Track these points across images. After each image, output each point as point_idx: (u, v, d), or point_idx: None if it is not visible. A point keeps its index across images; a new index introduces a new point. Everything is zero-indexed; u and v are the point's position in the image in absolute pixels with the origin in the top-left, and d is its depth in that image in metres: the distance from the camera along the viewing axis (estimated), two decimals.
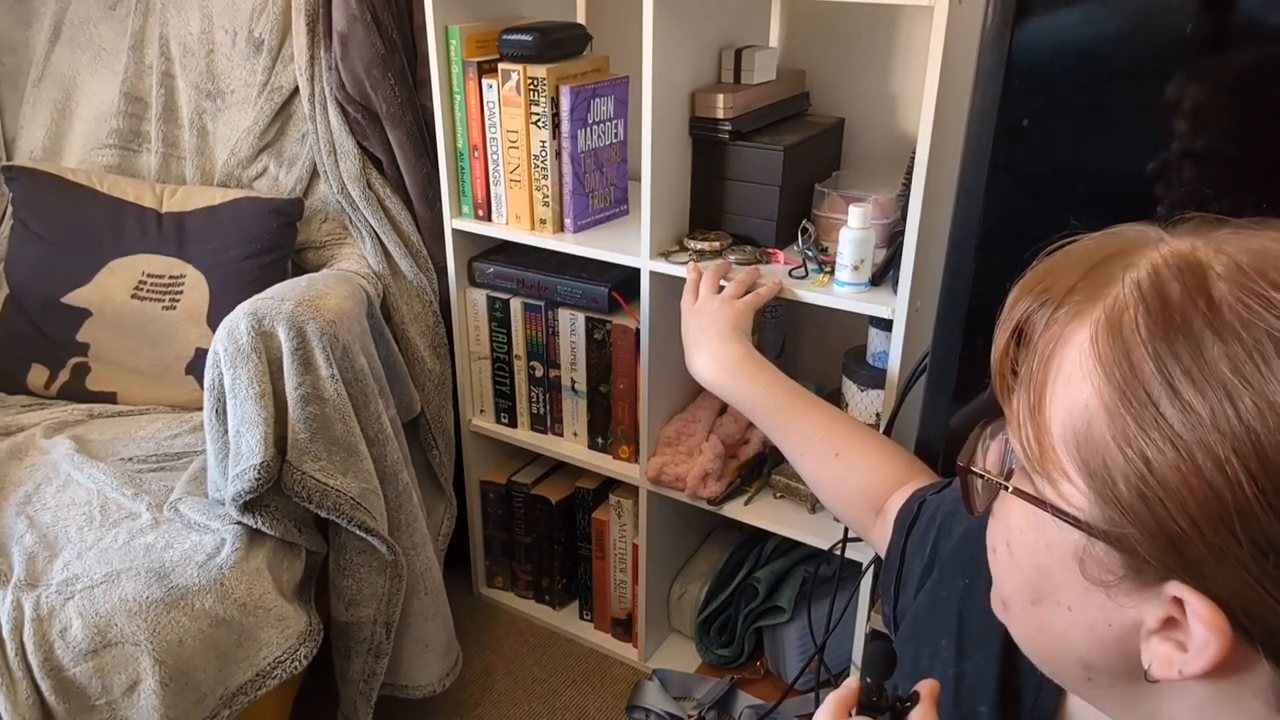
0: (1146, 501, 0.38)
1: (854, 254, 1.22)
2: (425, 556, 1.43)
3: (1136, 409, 0.38)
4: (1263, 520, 0.36)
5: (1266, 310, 0.37)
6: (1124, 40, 0.93)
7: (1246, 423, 0.36)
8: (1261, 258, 0.39)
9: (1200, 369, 0.37)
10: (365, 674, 1.38)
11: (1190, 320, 0.38)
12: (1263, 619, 0.37)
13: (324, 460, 1.23)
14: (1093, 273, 0.43)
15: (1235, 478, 0.36)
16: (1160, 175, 0.96)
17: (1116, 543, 0.40)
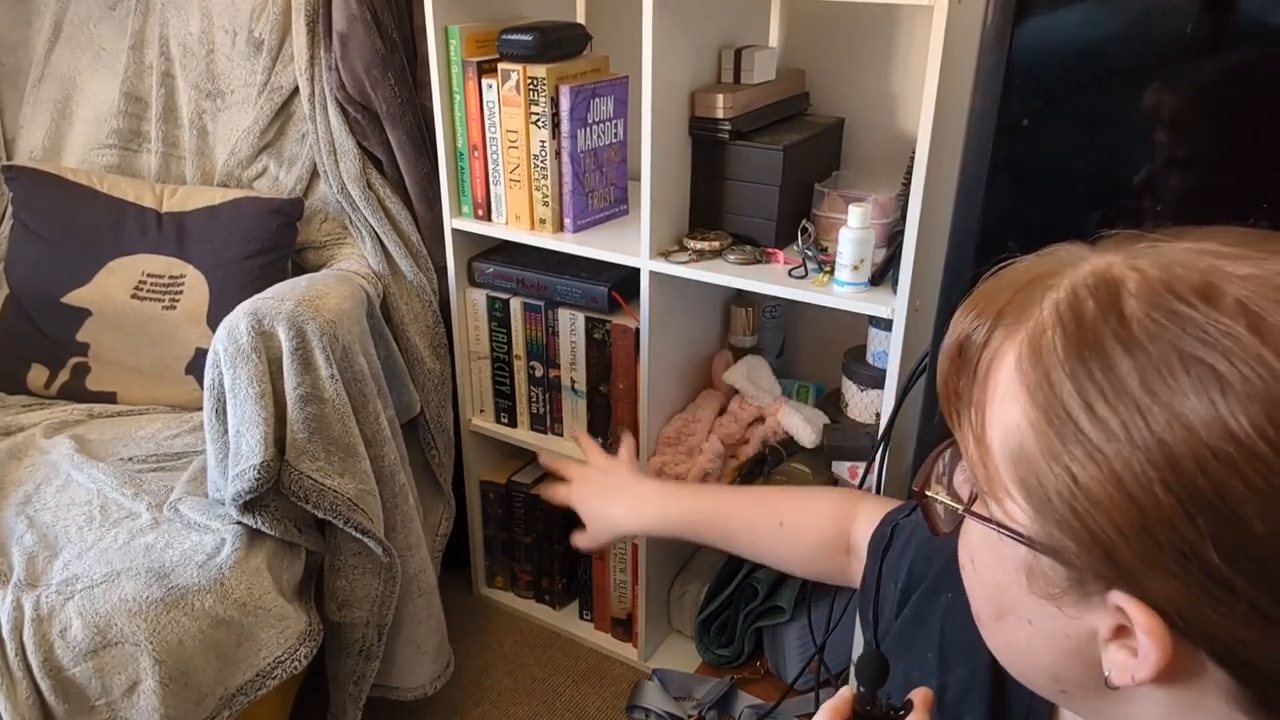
0: (1078, 515, 0.39)
1: (854, 254, 1.22)
2: (420, 558, 1.43)
3: (1059, 427, 0.40)
4: (1182, 529, 0.37)
5: (1172, 323, 0.38)
6: (1124, 40, 0.93)
7: (1158, 435, 0.37)
8: (1172, 270, 0.40)
9: (1113, 386, 0.38)
10: (355, 676, 1.38)
11: (1102, 338, 0.39)
12: (1198, 623, 0.38)
13: (321, 460, 1.23)
14: (1020, 295, 0.44)
15: (1152, 489, 0.37)
16: (1159, 175, 0.96)
17: (1057, 556, 0.41)
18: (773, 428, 1.50)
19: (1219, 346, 0.37)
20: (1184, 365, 0.37)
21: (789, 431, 1.47)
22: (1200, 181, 0.94)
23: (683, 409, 1.57)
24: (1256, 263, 0.39)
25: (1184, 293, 0.38)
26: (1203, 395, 0.36)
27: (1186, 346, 0.37)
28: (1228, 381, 0.36)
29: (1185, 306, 0.38)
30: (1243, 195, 0.93)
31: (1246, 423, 0.36)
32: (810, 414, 1.46)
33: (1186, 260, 0.40)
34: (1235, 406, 0.36)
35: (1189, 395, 0.37)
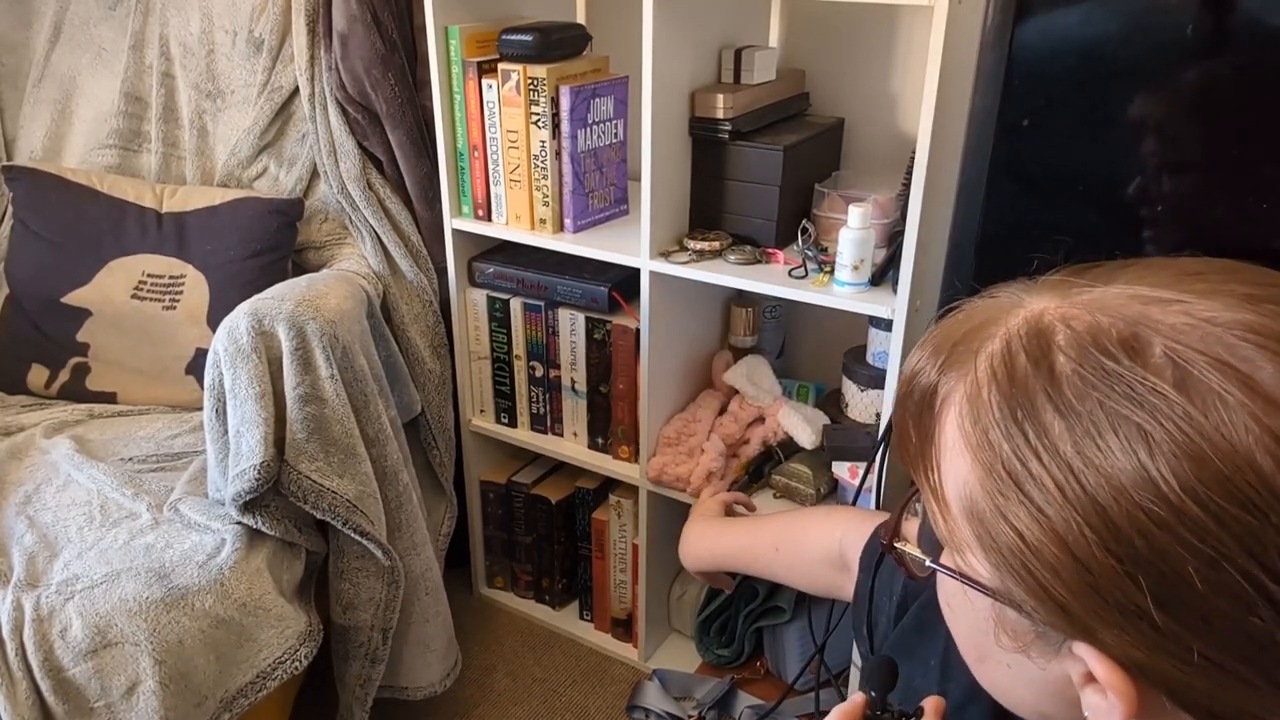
0: (1030, 572, 0.39)
1: (854, 254, 1.22)
2: (425, 557, 1.43)
3: (1002, 486, 0.40)
4: (1125, 587, 0.37)
5: (1100, 381, 0.38)
6: (1124, 40, 0.93)
7: (1092, 496, 0.37)
8: (1100, 321, 0.40)
9: (1046, 447, 0.38)
10: (362, 678, 1.38)
11: (1034, 398, 0.39)
12: (1156, 675, 0.38)
13: (320, 461, 1.23)
14: (960, 346, 0.44)
15: (1092, 549, 0.37)
16: (1159, 175, 0.96)
17: (1019, 609, 0.41)
18: (773, 428, 1.50)
19: (1146, 405, 0.37)
20: (1112, 425, 0.37)
21: (789, 432, 1.47)
22: (1200, 182, 0.94)
23: (683, 409, 1.57)
24: (1186, 307, 0.39)
25: (1111, 347, 0.38)
26: (1131, 455, 0.36)
27: (1114, 405, 0.37)
28: (1155, 441, 0.36)
29: (1113, 362, 0.38)
30: (1243, 195, 0.93)
31: (1176, 483, 0.36)
32: (810, 414, 1.46)
33: (1117, 307, 0.40)
34: (1163, 466, 0.36)
35: (1118, 456, 0.37)
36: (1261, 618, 0.35)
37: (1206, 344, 0.37)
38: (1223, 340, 0.37)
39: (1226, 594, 0.36)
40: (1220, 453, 0.35)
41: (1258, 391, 0.36)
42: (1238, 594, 0.35)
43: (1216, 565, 0.35)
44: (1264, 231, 0.93)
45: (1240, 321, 0.37)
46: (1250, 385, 0.36)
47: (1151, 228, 0.97)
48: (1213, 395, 0.36)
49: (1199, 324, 0.38)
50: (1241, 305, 0.38)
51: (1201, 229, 0.95)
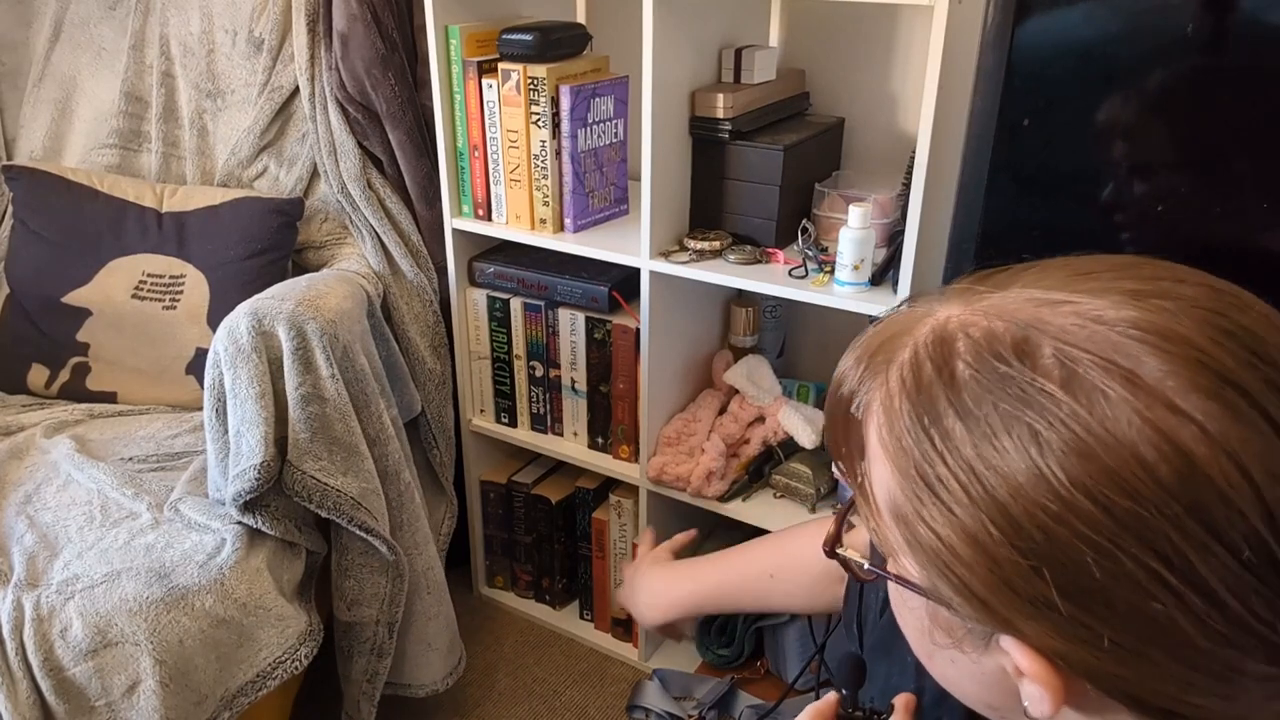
0: (950, 569, 0.41)
1: (854, 254, 1.22)
2: (427, 555, 1.43)
3: (917, 489, 0.41)
4: (1031, 580, 0.38)
5: (995, 384, 0.39)
6: (1124, 40, 0.93)
7: (993, 495, 0.39)
8: (995, 326, 0.41)
9: (950, 450, 0.40)
10: (368, 674, 1.38)
11: (937, 403, 0.41)
12: (1076, 663, 0.40)
13: (324, 460, 1.23)
14: (876, 357, 0.45)
15: (998, 545, 0.39)
16: (1159, 175, 0.96)
17: (947, 606, 0.43)
18: (773, 427, 1.50)
19: (1035, 405, 0.38)
20: (1006, 427, 0.39)
21: (789, 431, 1.47)
22: (1200, 181, 0.94)
23: (683, 409, 1.57)
24: (1075, 308, 0.40)
25: (1004, 351, 0.40)
26: (1024, 455, 0.38)
27: (1007, 407, 0.39)
28: (1045, 440, 0.38)
29: (1005, 366, 0.39)
30: (1243, 195, 0.93)
31: (1066, 479, 0.37)
32: (810, 414, 1.46)
33: (1012, 311, 0.41)
34: (1054, 464, 0.37)
35: (1013, 455, 0.38)
36: (1161, 602, 0.37)
37: (1093, 343, 0.38)
38: (1108, 338, 0.38)
39: (1124, 582, 0.37)
40: (1106, 447, 0.37)
41: (1140, 386, 0.37)
42: (1135, 581, 0.37)
43: (1112, 555, 0.37)
44: (1264, 231, 0.93)
45: (1125, 319, 0.39)
46: (1133, 380, 0.37)
47: (1151, 227, 0.97)
48: (1097, 392, 0.37)
49: (1086, 324, 0.39)
50: (1127, 302, 0.39)
51: (1202, 228, 0.95)
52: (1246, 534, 0.36)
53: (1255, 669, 0.38)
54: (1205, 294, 0.40)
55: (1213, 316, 0.39)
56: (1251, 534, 0.36)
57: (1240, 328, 0.39)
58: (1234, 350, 0.38)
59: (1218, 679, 0.39)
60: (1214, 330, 0.38)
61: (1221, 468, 0.36)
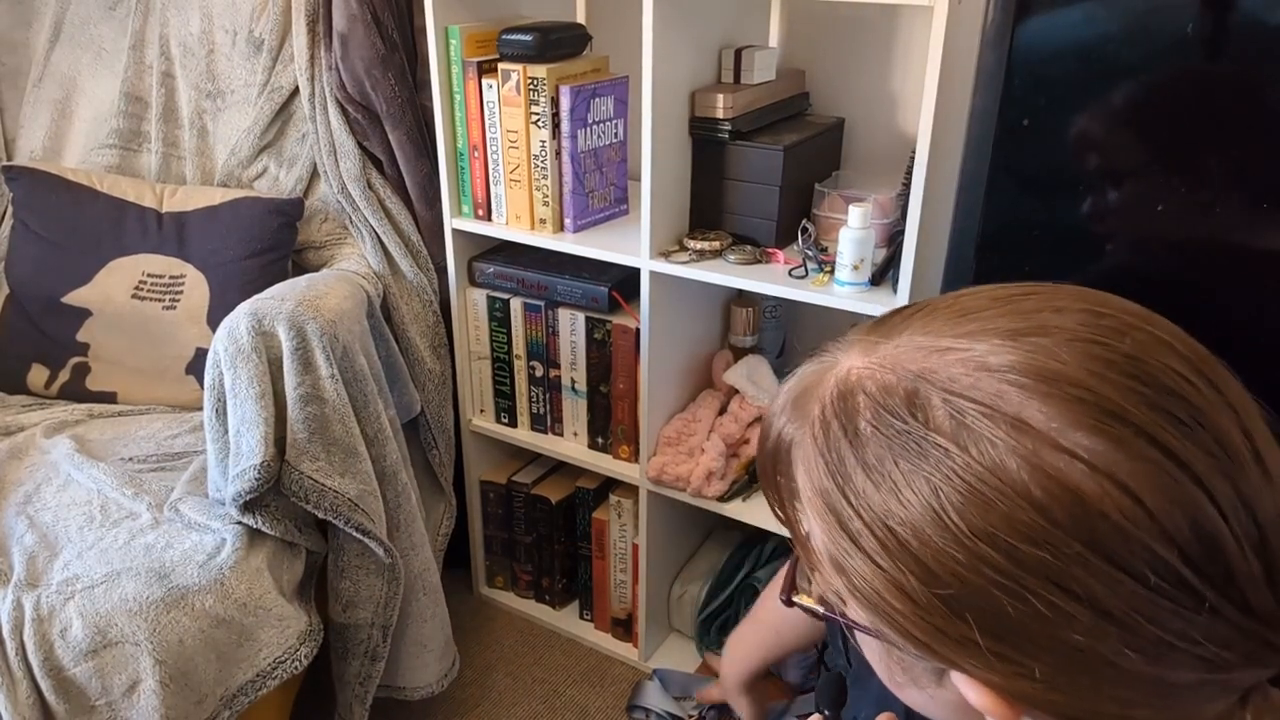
0: (884, 613, 0.42)
1: (854, 254, 1.22)
2: (423, 557, 1.43)
3: (844, 543, 0.43)
4: (955, 623, 0.40)
5: (893, 441, 0.41)
6: (1124, 40, 0.93)
7: (906, 546, 0.40)
8: (888, 380, 0.42)
9: (863, 506, 0.41)
10: (361, 676, 1.38)
11: (846, 460, 0.42)
12: (1014, 694, 0.41)
13: (322, 460, 1.23)
14: (796, 410, 0.47)
15: (919, 593, 0.40)
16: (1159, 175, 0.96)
17: (896, 647, 0.44)
18: None
19: (930, 459, 0.39)
20: (908, 481, 0.40)
21: None
22: (1200, 181, 0.94)
23: (683, 409, 1.57)
24: (961, 356, 0.41)
25: (898, 407, 0.41)
26: (927, 508, 0.39)
27: (906, 463, 0.40)
28: (944, 493, 0.39)
29: (901, 422, 0.41)
30: (1243, 195, 0.93)
31: (967, 528, 0.38)
32: None
33: (903, 362, 0.42)
34: (954, 514, 0.39)
35: (917, 508, 0.39)
36: (1078, 634, 0.38)
37: (978, 391, 0.39)
38: (992, 386, 0.39)
39: (1040, 619, 0.38)
40: (1000, 494, 0.38)
41: (1025, 431, 0.38)
42: (1049, 618, 0.38)
43: (1022, 596, 0.38)
44: (1264, 230, 0.93)
45: (1006, 364, 0.40)
46: (1018, 426, 0.38)
47: (1151, 227, 0.97)
48: (985, 441, 0.38)
49: (971, 372, 0.40)
50: (1007, 345, 0.40)
51: (1201, 228, 0.95)
52: (1150, 561, 0.37)
53: (1187, 679, 0.39)
54: (1083, 322, 0.41)
55: (1091, 347, 0.39)
56: (1155, 560, 0.37)
57: (1120, 355, 0.39)
58: (1114, 380, 0.38)
59: (1152, 694, 0.39)
60: (1093, 362, 0.39)
61: (1114, 501, 0.37)
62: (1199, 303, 0.97)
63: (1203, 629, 0.38)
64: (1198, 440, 0.38)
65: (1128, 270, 1.01)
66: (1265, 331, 0.96)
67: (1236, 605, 0.38)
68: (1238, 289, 0.97)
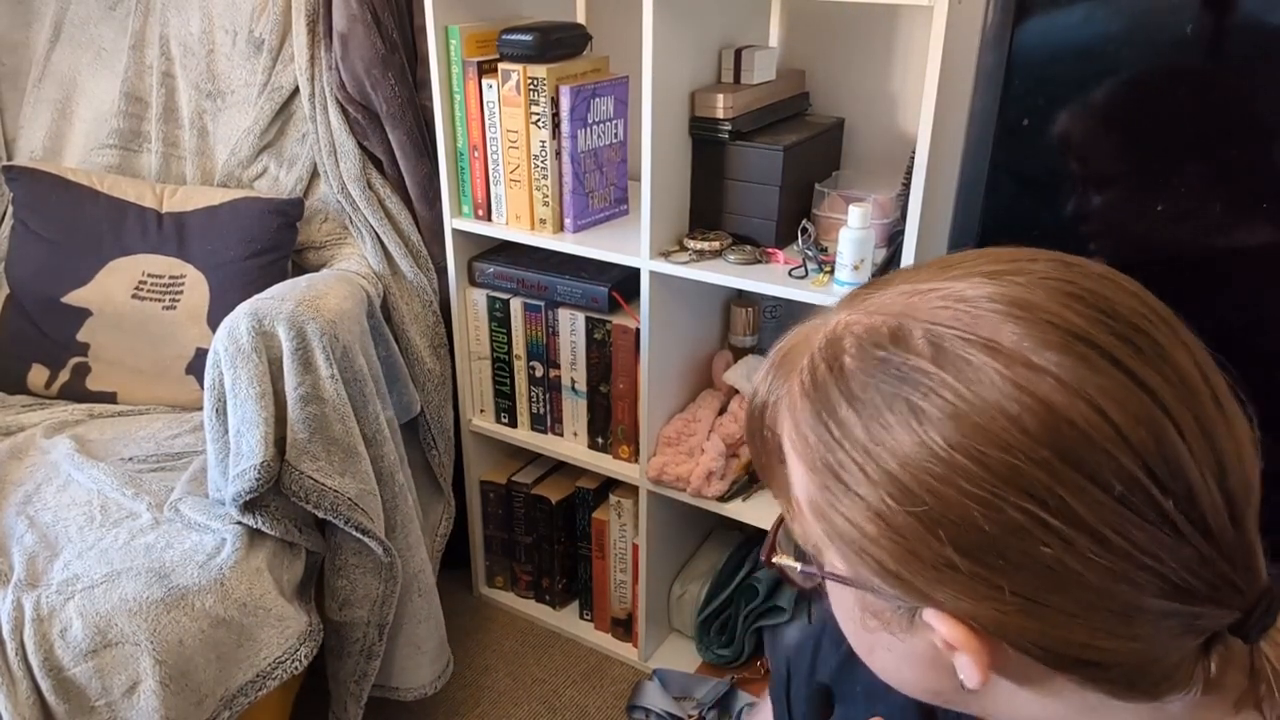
0: (867, 552, 0.44)
1: (854, 253, 1.22)
2: (419, 558, 1.43)
3: (825, 479, 0.44)
4: (930, 543, 0.41)
5: (876, 370, 0.43)
6: (1124, 40, 0.93)
7: (886, 470, 0.42)
8: (874, 320, 0.45)
9: (846, 436, 0.43)
10: (357, 675, 1.38)
11: (830, 396, 0.44)
12: (990, 623, 0.42)
13: (322, 460, 1.23)
14: (782, 367, 0.49)
15: (896, 515, 0.42)
16: (1158, 174, 0.97)
17: (873, 591, 0.45)
18: None
19: (910, 381, 0.42)
20: (889, 405, 0.42)
21: None
22: (1199, 180, 0.94)
23: (683, 409, 1.57)
24: (942, 293, 0.44)
25: (883, 340, 0.43)
26: (907, 426, 0.41)
27: (888, 387, 0.42)
28: (923, 411, 0.41)
29: (883, 352, 0.43)
30: (1242, 194, 0.93)
31: (944, 442, 0.40)
32: None
33: (889, 305, 0.45)
34: (932, 430, 0.41)
35: (898, 429, 0.42)
36: (1047, 545, 0.40)
37: (957, 320, 0.42)
38: (970, 313, 0.42)
39: (1011, 530, 0.40)
40: (975, 408, 0.40)
41: (1000, 350, 0.41)
42: (1020, 528, 0.40)
43: (995, 506, 0.40)
44: (1264, 230, 0.93)
45: (984, 294, 0.43)
46: (993, 347, 0.41)
47: (1150, 226, 0.97)
48: (962, 361, 0.41)
49: (950, 304, 0.43)
50: (985, 281, 0.43)
51: (1201, 227, 0.95)
52: (1115, 470, 0.39)
53: (1153, 605, 0.41)
54: (1055, 267, 0.44)
55: (1061, 284, 0.43)
56: (1119, 470, 0.39)
57: (1087, 291, 0.42)
58: (1082, 310, 0.41)
59: (1119, 619, 0.41)
60: (1063, 296, 0.42)
61: (1080, 412, 0.39)
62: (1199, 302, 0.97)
63: (1168, 548, 0.40)
64: (1160, 370, 0.41)
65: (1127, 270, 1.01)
66: (1266, 331, 0.96)
67: (1199, 529, 0.40)
68: (1238, 288, 0.97)
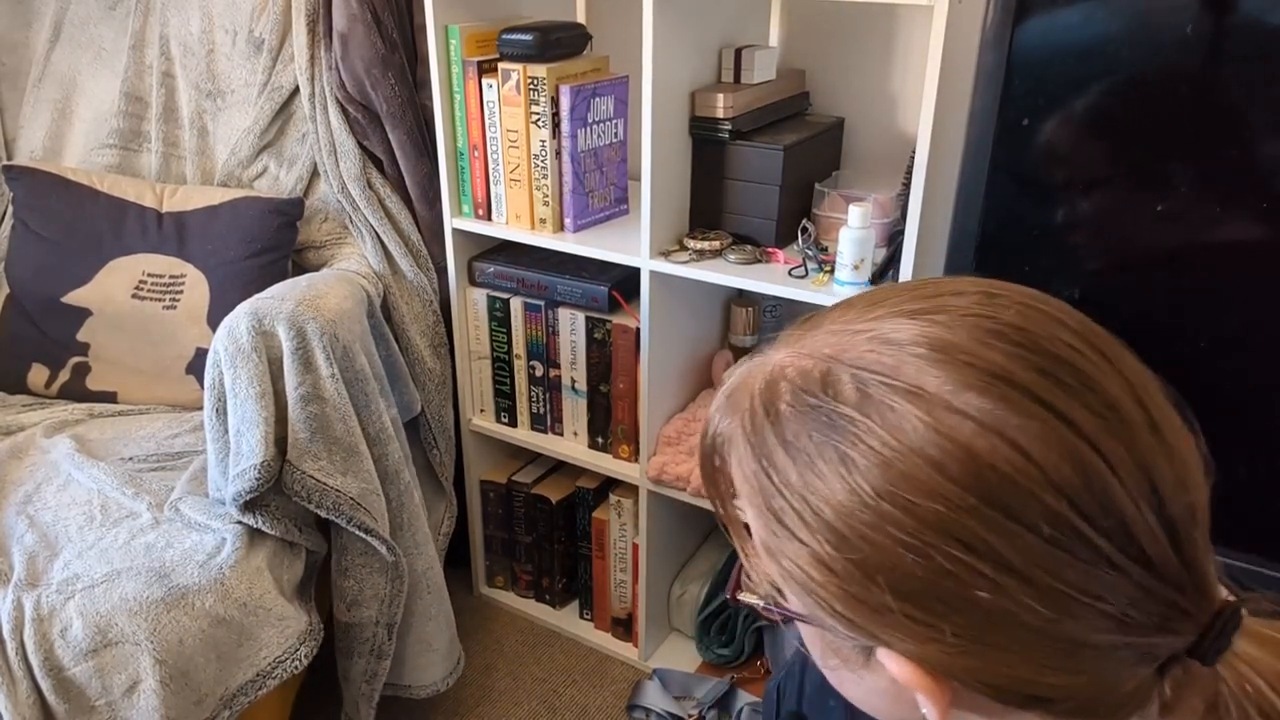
0: (815, 593, 0.44)
1: (854, 253, 1.22)
2: (427, 556, 1.44)
3: (771, 523, 0.45)
4: (869, 587, 0.41)
5: (808, 417, 0.43)
6: (1124, 40, 0.93)
7: (821, 516, 0.42)
8: (806, 364, 0.45)
9: (784, 482, 0.44)
10: (367, 675, 1.38)
11: (768, 441, 0.45)
12: (934, 661, 0.42)
13: (324, 460, 1.23)
14: (729, 407, 0.49)
15: (835, 561, 0.42)
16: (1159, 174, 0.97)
17: (829, 629, 0.45)
18: None
19: (839, 429, 0.42)
20: (820, 452, 0.42)
21: None
22: (1200, 179, 0.94)
23: (683, 409, 1.57)
24: (869, 335, 0.44)
25: (813, 386, 0.44)
26: (837, 474, 0.42)
27: (819, 435, 0.42)
28: (851, 460, 0.41)
29: (814, 399, 0.43)
30: (1242, 193, 0.93)
31: (872, 490, 0.40)
32: None
33: (819, 347, 0.45)
34: (860, 478, 0.41)
35: (830, 477, 0.42)
36: (981, 589, 0.39)
37: (880, 364, 0.42)
38: (894, 356, 0.42)
39: (943, 575, 0.40)
40: (900, 455, 0.40)
41: (921, 395, 0.41)
42: (952, 574, 0.40)
43: (925, 553, 0.40)
44: (1263, 229, 0.93)
45: (906, 337, 0.43)
46: (914, 391, 0.41)
47: (1151, 226, 0.98)
48: (885, 407, 0.41)
49: (876, 347, 0.43)
50: (908, 322, 0.43)
51: (1200, 227, 0.95)
52: (1041, 512, 0.39)
53: (1098, 640, 0.40)
54: (978, 302, 0.44)
55: (981, 321, 0.42)
56: (1046, 511, 0.39)
57: (1008, 326, 0.42)
58: (1001, 347, 0.41)
59: (1063, 655, 0.41)
60: (982, 333, 0.42)
61: (1003, 455, 0.39)
62: (1199, 301, 0.97)
63: (1105, 584, 0.39)
64: (1085, 402, 0.40)
65: (1127, 269, 1.01)
66: (1266, 330, 0.96)
67: (1138, 562, 0.40)
68: (1238, 288, 0.97)
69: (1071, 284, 1.02)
